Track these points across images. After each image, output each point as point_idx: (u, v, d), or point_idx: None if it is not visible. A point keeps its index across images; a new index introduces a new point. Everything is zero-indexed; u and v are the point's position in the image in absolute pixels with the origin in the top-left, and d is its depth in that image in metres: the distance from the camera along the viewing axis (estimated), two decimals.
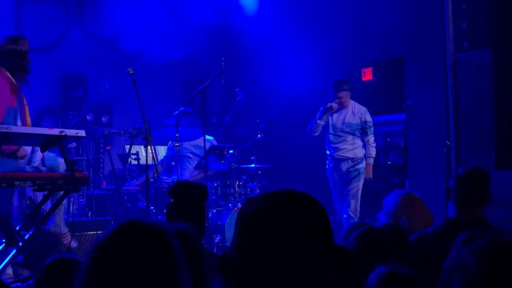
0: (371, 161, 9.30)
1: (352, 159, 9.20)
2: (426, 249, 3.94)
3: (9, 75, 6.55)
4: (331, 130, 9.32)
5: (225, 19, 11.88)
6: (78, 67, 11.09)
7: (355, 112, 9.31)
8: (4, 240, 6.14)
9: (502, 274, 1.94)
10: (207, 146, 8.95)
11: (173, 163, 9.59)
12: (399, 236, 3.56)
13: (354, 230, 3.62)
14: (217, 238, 8.65)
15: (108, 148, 10.67)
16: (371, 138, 9.30)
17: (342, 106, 9.26)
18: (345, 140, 9.25)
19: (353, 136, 9.25)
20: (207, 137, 9.21)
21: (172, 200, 4.34)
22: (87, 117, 10.69)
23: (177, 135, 8.54)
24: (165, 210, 4.46)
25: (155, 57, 11.24)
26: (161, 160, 9.91)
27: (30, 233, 6.28)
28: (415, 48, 9.74)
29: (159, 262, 2.03)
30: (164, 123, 8.72)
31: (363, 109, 9.32)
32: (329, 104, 9.25)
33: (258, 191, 9.25)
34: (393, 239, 3.41)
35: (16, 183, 5.93)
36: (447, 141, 8.56)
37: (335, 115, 9.31)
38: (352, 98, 9.91)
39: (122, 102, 10.83)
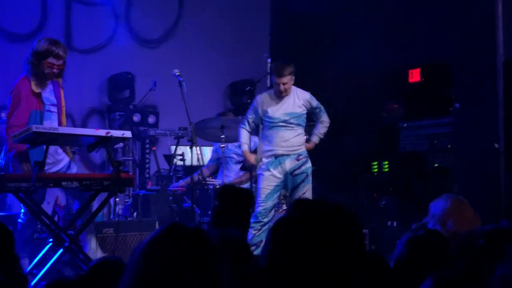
0: (316, 139, 8.52)
1: (297, 156, 8.27)
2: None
3: (31, 78, 6.60)
4: (268, 124, 8.28)
5: (271, 21, 11.87)
6: (125, 68, 11.18)
7: (298, 100, 8.36)
8: (51, 240, 6.21)
9: None
10: (240, 150, 8.98)
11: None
12: (444, 244, 3.50)
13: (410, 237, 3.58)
14: None
15: (154, 148, 10.74)
16: (326, 118, 8.53)
17: (284, 95, 8.23)
18: (288, 131, 8.27)
19: (298, 127, 8.33)
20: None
21: (218, 203, 4.32)
22: (134, 117, 10.76)
23: (222, 136, 8.54)
24: (209, 213, 4.45)
25: (202, 58, 11.29)
26: (207, 164, 9.92)
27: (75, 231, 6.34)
28: (464, 49, 9.60)
29: (202, 267, 2.02)
30: (210, 124, 8.74)
31: (307, 95, 8.44)
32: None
33: None
34: (442, 248, 3.35)
35: (63, 183, 6.01)
36: (496, 144, 8.44)
37: (274, 107, 8.24)
38: (399, 100, 9.78)
39: (168, 102, 10.91)
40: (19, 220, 6.80)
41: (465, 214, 4.60)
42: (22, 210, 6.70)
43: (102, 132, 6.12)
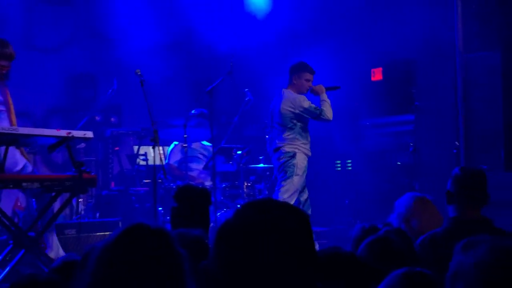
0: None
1: None
2: (438, 251, 3.93)
3: None
4: (305, 122, 8.39)
5: (235, 20, 11.86)
6: (87, 68, 11.10)
7: None
8: (11, 242, 6.14)
9: (502, 280, 1.92)
10: (205, 151, 9.01)
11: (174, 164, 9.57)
12: (407, 243, 3.52)
13: (364, 236, 3.58)
14: None
15: (116, 148, 10.67)
16: None
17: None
18: None
19: None
20: (206, 143, 9.34)
21: (177, 204, 4.33)
22: (96, 117, 10.68)
23: (184, 136, 8.52)
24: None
25: (164, 57, 11.24)
26: (167, 164, 9.76)
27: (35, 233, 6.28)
28: (425, 48, 9.70)
29: (164, 266, 2.02)
30: (172, 123, 8.71)
31: None
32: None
33: (266, 192, 9.23)
34: (403, 248, 3.37)
35: (24, 184, 5.93)
36: (456, 142, 8.53)
37: None
38: (362, 98, 9.84)
39: (131, 102, 10.84)
40: None
41: (428, 212, 4.64)
42: None
43: (63, 133, 6.06)
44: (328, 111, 8.23)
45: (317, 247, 6.91)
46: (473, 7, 8.67)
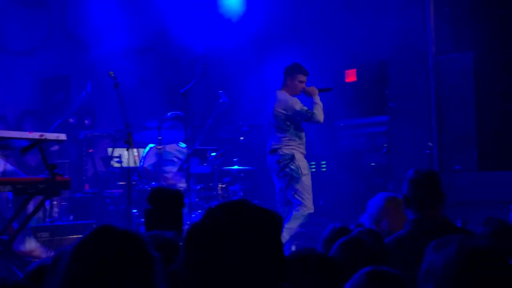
0: None
1: None
2: (403, 252, 3.93)
3: None
4: (299, 124, 8.36)
5: (209, 23, 11.85)
6: (60, 70, 11.03)
7: None
8: None
9: (470, 279, 1.94)
10: (181, 155, 9.00)
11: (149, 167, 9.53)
12: (380, 244, 3.54)
13: (335, 237, 3.60)
14: None
15: (90, 151, 10.61)
16: None
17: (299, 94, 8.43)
18: None
19: None
20: (182, 145, 9.31)
21: (150, 206, 4.33)
22: (70, 120, 10.62)
23: (159, 137, 8.49)
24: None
25: (138, 59, 11.21)
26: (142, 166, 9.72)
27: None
28: (399, 50, 9.75)
29: (135, 268, 2.01)
30: (147, 125, 8.69)
31: None
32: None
33: (241, 193, 9.23)
34: (375, 248, 3.38)
35: None
36: (429, 143, 8.58)
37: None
38: (335, 99, 9.88)
39: (105, 105, 10.79)
40: None
41: (400, 213, 4.63)
42: None
43: (36, 135, 6.01)
44: (319, 114, 8.24)
45: (293, 248, 6.92)
46: (445, 9, 8.74)
